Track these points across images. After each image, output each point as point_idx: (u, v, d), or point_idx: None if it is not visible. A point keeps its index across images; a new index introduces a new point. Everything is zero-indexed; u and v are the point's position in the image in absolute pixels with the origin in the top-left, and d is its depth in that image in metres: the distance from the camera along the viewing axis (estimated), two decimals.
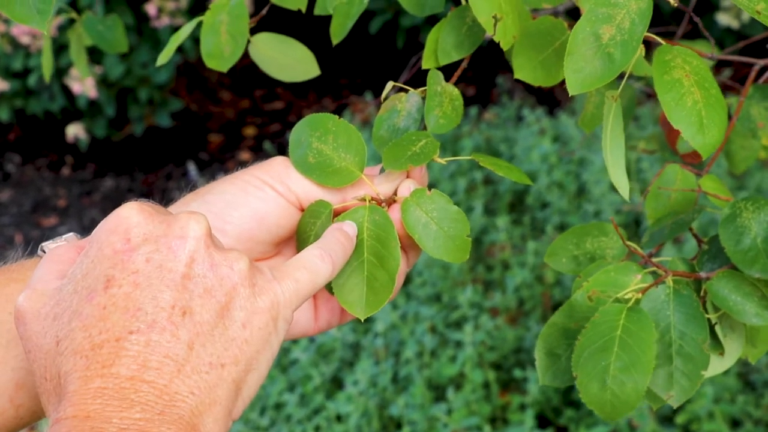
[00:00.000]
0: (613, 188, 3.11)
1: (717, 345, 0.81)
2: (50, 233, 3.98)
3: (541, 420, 2.55)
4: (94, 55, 3.84)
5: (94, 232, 0.66)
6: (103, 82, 3.96)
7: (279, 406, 2.61)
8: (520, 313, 2.83)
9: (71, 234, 0.75)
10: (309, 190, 0.77)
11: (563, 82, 0.76)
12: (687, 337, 0.78)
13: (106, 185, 4.27)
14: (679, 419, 2.35)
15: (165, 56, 0.96)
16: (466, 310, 2.73)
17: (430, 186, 0.79)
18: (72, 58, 1.55)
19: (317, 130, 0.79)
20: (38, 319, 0.63)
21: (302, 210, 0.78)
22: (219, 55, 0.93)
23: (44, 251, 0.75)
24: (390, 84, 0.82)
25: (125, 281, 0.62)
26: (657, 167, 3.05)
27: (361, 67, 4.83)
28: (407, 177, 0.79)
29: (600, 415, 0.76)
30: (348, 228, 0.75)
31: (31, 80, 3.89)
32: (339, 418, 2.56)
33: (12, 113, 4.13)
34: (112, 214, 0.65)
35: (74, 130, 4.08)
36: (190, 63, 4.52)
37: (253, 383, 0.64)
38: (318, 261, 0.70)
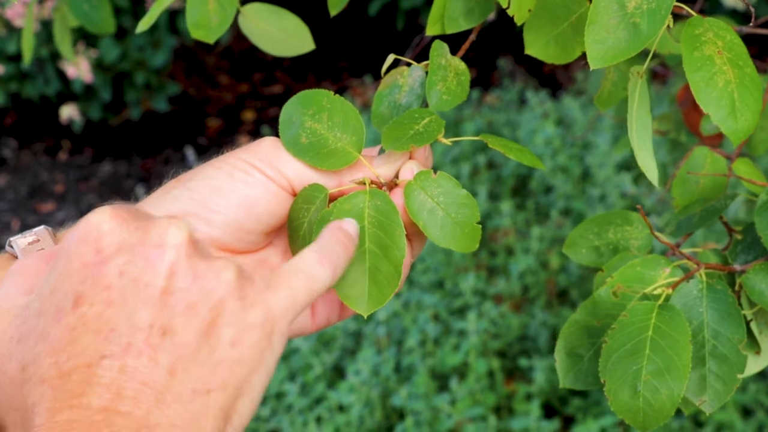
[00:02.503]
0: (617, 171, 3.06)
1: (752, 343, 0.74)
2: (48, 219, 3.93)
3: (548, 409, 2.50)
4: (89, 38, 3.78)
5: (62, 240, 0.58)
6: (98, 65, 3.90)
7: (280, 396, 2.56)
8: (524, 300, 2.77)
9: (42, 227, 0.68)
10: (302, 174, 0.70)
11: (570, 63, 0.69)
12: (722, 337, 0.71)
13: (104, 170, 4.21)
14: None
15: (146, 23, 0.89)
16: (469, 298, 2.68)
17: (433, 171, 0.71)
18: (56, 41, 1.47)
19: (310, 108, 0.71)
20: (2, 341, 0.56)
21: (294, 195, 0.71)
22: (206, 24, 0.86)
23: (12, 246, 0.68)
24: (391, 57, 0.75)
25: (96, 298, 0.54)
26: (664, 149, 3.00)
27: (361, 50, 4.77)
28: (410, 158, 0.72)
29: (632, 425, 0.69)
30: (348, 226, 0.67)
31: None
32: (341, 408, 2.50)
33: (7, 97, 4.07)
34: (82, 220, 0.57)
35: (68, 112, 4.02)
36: (187, 46, 4.46)
37: (245, 409, 0.57)
38: (317, 266, 0.61)
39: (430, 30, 0.77)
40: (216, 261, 0.57)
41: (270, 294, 0.58)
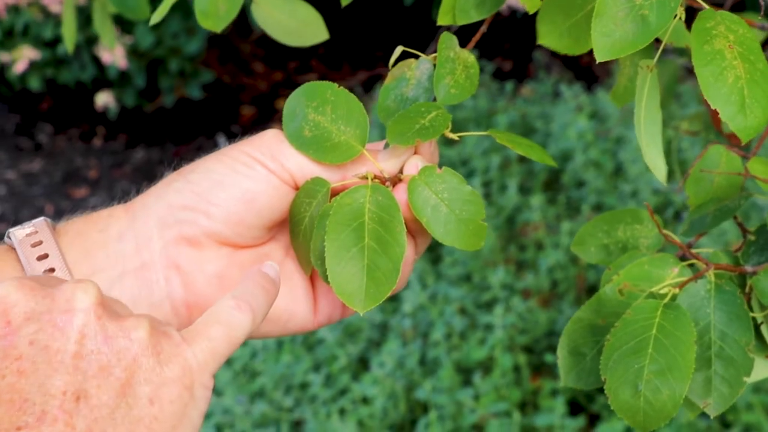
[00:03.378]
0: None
1: (762, 346, 0.73)
2: (81, 204, 3.95)
3: (573, 406, 2.48)
4: (125, 25, 3.80)
5: None
6: (133, 52, 3.91)
7: (304, 386, 2.56)
8: (553, 295, 2.75)
9: (41, 219, 0.68)
10: (304, 167, 0.69)
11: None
12: (729, 339, 0.70)
13: (137, 156, 4.23)
14: None
15: (159, 14, 0.88)
16: (497, 292, 2.66)
17: (463, 163, 0.70)
18: (96, 29, 1.48)
19: (314, 100, 0.70)
20: None
21: (297, 189, 0.70)
22: (214, 13, 0.84)
23: (10, 238, 0.68)
24: (399, 49, 0.73)
25: (8, 370, 0.54)
26: (698, 147, 2.96)
27: (396, 40, 4.75)
28: (415, 153, 0.70)
29: (631, 425, 0.68)
30: (268, 269, 0.65)
31: (62, 49, 3.85)
32: (365, 400, 2.49)
33: (43, 82, 4.10)
34: None
35: (104, 99, 4.04)
36: (222, 34, 4.45)
37: None
38: (235, 312, 0.60)
39: (441, 20, 0.76)
40: (127, 319, 0.57)
41: (187, 347, 0.58)
